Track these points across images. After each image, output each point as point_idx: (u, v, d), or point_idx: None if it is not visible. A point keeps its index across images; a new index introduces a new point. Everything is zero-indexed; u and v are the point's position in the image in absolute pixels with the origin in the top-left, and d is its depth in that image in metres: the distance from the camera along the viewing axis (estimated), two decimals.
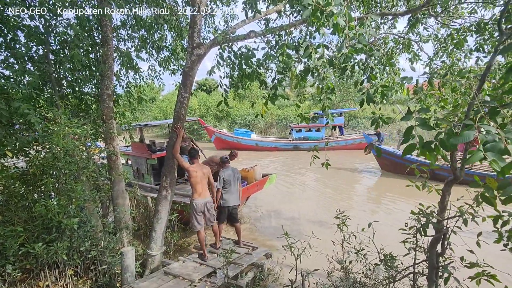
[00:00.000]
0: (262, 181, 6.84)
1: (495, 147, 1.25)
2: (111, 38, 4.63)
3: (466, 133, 1.38)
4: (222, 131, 19.66)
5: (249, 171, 6.72)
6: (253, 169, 6.77)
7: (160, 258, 4.54)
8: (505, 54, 3.15)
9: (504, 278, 2.21)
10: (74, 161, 4.08)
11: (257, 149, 18.73)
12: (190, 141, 7.15)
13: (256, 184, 6.61)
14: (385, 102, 3.31)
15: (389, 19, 4.67)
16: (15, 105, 3.43)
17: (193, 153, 4.56)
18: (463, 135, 1.38)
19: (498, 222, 1.98)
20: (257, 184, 6.66)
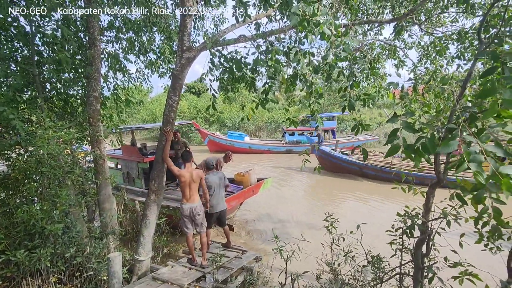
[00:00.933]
0: (257, 185, 6.81)
1: (476, 159, 1.34)
2: (98, 39, 4.56)
3: (451, 142, 1.46)
4: (216, 134, 19.58)
5: (244, 175, 6.69)
6: (248, 174, 6.74)
7: (148, 263, 4.47)
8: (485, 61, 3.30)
9: (485, 276, 2.29)
10: (58, 165, 3.97)
11: (250, 152, 18.71)
12: (184, 145, 7.08)
13: (251, 188, 6.58)
14: (372, 107, 3.41)
15: (376, 26, 4.80)
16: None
17: (186, 156, 4.50)
18: (449, 145, 1.45)
19: (479, 223, 2.06)
20: (253, 188, 6.64)
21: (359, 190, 10.12)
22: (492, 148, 1.37)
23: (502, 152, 1.36)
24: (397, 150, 1.78)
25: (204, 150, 18.98)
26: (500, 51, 2.14)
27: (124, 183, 7.37)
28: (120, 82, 6.01)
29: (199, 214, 4.43)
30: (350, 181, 11.40)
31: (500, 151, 1.36)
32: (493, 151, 1.37)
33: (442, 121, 2.42)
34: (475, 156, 1.35)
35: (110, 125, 5.49)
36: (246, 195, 6.47)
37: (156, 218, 4.39)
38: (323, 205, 8.54)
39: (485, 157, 1.33)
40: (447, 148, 1.46)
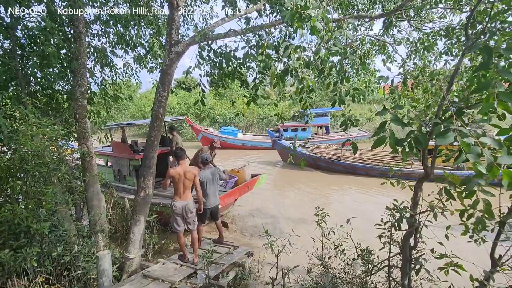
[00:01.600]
0: (252, 181, 6.76)
1: (474, 150, 1.38)
2: (83, 33, 4.43)
3: (448, 134, 1.48)
4: (209, 130, 19.50)
5: (239, 171, 6.65)
6: (242, 170, 6.70)
7: (139, 261, 4.43)
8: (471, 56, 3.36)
9: (470, 267, 2.35)
10: (44, 162, 3.87)
11: (243, 148, 18.70)
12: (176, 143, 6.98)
13: (246, 184, 6.55)
14: (362, 102, 3.43)
15: (366, 21, 4.82)
16: None
17: (180, 154, 4.44)
18: (446, 137, 1.47)
19: (464, 216, 2.11)
20: (248, 184, 6.60)
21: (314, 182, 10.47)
22: (487, 140, 1.40)
23: (496, 144, 1.39)
24: (383, 142, 1.79)
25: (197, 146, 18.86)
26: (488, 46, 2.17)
27: (115, 181, 7.21)
28: (107, 77, 5.88)
29: (192, 212, 4.41)
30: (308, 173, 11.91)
31: (495, 142, 1.39)
32: (488, 143, 1.40)
33: (430, 116, 2.46)
34: (473, 147, 1.38)
35: (98, 122, 5.37)
36: (242, 191, 6.42)
37: (146, 215, 4.34)
38: (314, 199, 8.62)
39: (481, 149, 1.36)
40: (444, 140, 1.48)
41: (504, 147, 1.41)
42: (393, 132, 1.75)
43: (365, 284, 3.27)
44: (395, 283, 3.07)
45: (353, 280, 3.39)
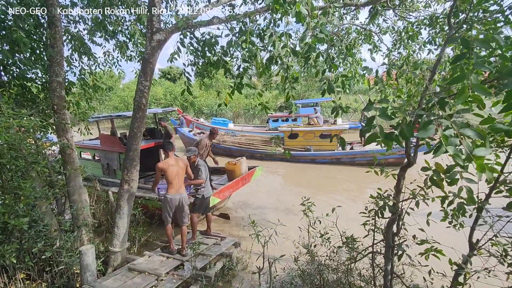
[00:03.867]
0: (249, 174, 6.72)
1: (453, 142, 1.40)
2: (59, 19, 4.19)
3: (429, 127, 1.50)
4: (200, 120, 19.32)
5: (236, 164, 6.57)
6: (239, 162, 6.64)
7: (124, 254, 4.36)
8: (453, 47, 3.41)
9: (449, 252, 2.44)
10: (21, 155, 3.70)
11: None
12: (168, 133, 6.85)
13: (244, 177, 6.49)
14: (348, 92, 3.41)
15: (352, 10, 4.79)
16: None
17: (168, 147, 4.39)
18: (427, 129, 1.49)
19: (445, 203, 2.17)
20: (245, 177, 6.55)
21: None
22: (468, 131, 1.42)
23: (476, 135, 1.41)
24: (375, 139, 1.80)
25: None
26: (468, 37, 2.19)
27: (104, 175, 6.97)
28: (86, 66, 5.62)
29: (187, 204, 4.42)
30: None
31: (474, 134, 1.41)
32: (467, 134, 1.42)
33: (413, 105, 2.48)
34: (452, 139, 1.40)
35: (78, 113, 5.16)
36: (240, 184, 6.38)
37: (130, 208, 4.26)
38: (301, 189, 8.72)
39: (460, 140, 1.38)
40: (425, 133, 1.50)
41: (487, 138, 1.43)
42: (382, 127, 1.76)
43: (350, 270, 3.35)
44: (378, 269, 3.16)
45: (338, 267, 3.47)
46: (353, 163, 11.25)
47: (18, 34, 3.51)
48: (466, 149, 1.36)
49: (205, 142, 6.02)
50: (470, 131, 1.42)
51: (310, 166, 11.58)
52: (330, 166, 11.34)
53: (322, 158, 11.56)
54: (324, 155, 11.55)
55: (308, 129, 12.18)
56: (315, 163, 11.81)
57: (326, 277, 3.45)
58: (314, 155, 11.70)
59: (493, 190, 2.23)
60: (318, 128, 12.03)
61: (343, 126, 12.12)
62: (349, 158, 11.29)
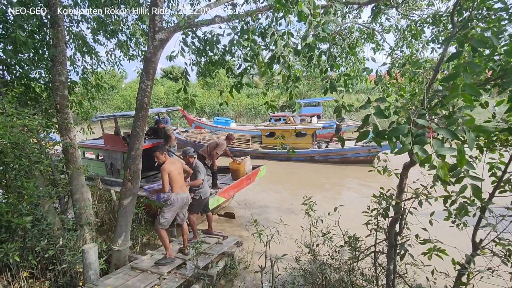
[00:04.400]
0: (254, 173, 6.73)
1: (421, 141, 1.46)
2: (61, 18, 4.20)
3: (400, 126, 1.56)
4: (202, 120, 19.35)
5: (240, 163, 6.59)
6: (243, 161, 6.64)
7: (127, 253, 4.38)
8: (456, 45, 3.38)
9: (452, 251, 2.43)
10: (24, 155, 3.72)
11: None
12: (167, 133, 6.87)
13: (249, 176, 6.51)
14: (351, 91, 3.41)
15: (355, 9, 4.77)
16: None
17: (163, 148, 4.41)
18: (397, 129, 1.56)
19: (448, 202, 2.15)
20: (250, 176, 6.57)
21: None
22: (440, 131, 1.46)
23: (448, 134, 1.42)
24: (366, 136, 1.81)
25: None
26: (471, 35, 2.18)
27: (108, 175, 6.96)
28: (89, 65, 5.64)
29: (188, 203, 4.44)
30: None
31: (446, 132, 1.43)
32: (441, 133, 1.46)
33: (416, 104, 2.47)
34: (421, 138, 1.45)
35: (81, 112, 5.18)
36: (244, 184, 6.38)
37: (133, 207, 4.27)
38: (302, 188, 8.71)
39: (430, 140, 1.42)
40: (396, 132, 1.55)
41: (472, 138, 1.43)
42: (376, 125, 1.75)
43: (352, 270, 3.34)
44: (381, 268, 3.15)
45: (340, 267, 3.46)
46: (326, 161, 11.52)
47: (17, 33, 3.52)
48: (434, 147, 1.38)
49: (224, 145, 6.11)
50: (441, 130, 1.45)
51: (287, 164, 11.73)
52: (306, 164, 11.55)
53: (296, 156, 11.75)
54: (299, 153, 11.70)
55: (284, 127, 12.34)
56: (290, 161, 11.99)
57: (328, 277, 3.45)
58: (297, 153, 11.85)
59: (496, 189, 2.21)
60: (293, 126, 12.26)
61: (317, 125, 12.56)
62: (322, 156, 11.66)
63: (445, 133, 1.44)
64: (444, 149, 1.37)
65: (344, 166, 11.21)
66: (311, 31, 2.18)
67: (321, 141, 12.80)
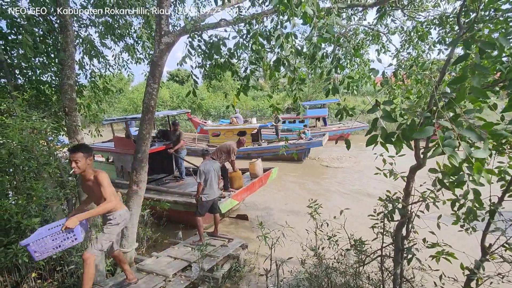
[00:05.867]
0: (265, 176, 6.74)
1: (451, 144, 1.37)
2: (70, 23, 4.29)
3: (426, 128, 1.47)
4: (207, 123, 19.50)
5: (251, 164, 6.62)
6: (254, 164, 6.65)
7: (133, 254, 4.41)
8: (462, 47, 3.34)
9: (461, 256, 2.39)
10: (33, 157, 3.78)
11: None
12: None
13: (261, 179, 6.54)
14: (356, 94, 3.39)
15: (359, 10, 4.76)
16: None
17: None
18: (424, 131, 1.47)
19: (455, 206, 2.12)
20: (262, 179, 6.58)
21: None
22: (467, 133, 1.39)
23: (476, 137, 1.38)
24: (375, 140, 1.79)
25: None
26: (478, 36, 2.15)
27: (118, 178, 7.02)
28: (97, 69, 5.74)
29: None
30: None
31: (474, 135, 1.38)
32: (467, 136, 1.39)
33: (423, 106, 2.45)
34: (450, 141, 1.38)
35: (88, 115, 5.26)
36: (257, 186, 6.38)
37: (139, 209, 4.31)
38: (308, 191, 8.67)
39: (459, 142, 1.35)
40: (422, 134, 1.48)
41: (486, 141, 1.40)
42: (385, 129, 1.74)
43: (358, 274, 3.31)
44: (387, 273, 3.11)
45: (346, 270, 3.43)
46: (262, 158, 11.96)
47: (25, 38, 3.60)
48: (465, 151, 1.34)
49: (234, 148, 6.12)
50: (469, 133, 1.39)
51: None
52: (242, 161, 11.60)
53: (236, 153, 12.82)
54: (238, 150, 12.58)
55: (227, 128, 13.79)
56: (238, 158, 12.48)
57: (334, 280, 3.42)
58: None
59: (506, 193, 2.17)
60: (235, 126, 13.73)
61: (255, 125, 13.92)
62: (257, 153, 12.73)
63: (472, 136, 1.39)
64: (479, 152, 1.33)
65: (277, 162, 11.88)
66: (315, 33, 2.19)
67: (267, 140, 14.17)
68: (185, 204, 5.55)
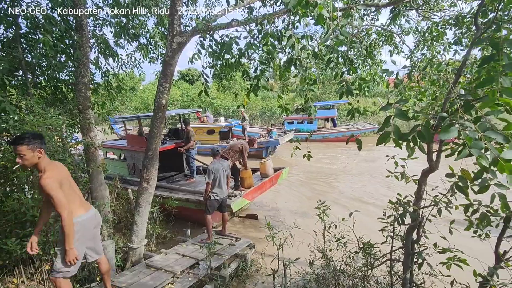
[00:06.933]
0: (276, 175, 6.78)
1: (478, 145, 1.34)
2: (86, 23, 4.39)
3: (451, 129, 1.44)
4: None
5: (262, 163, 6.66)
6: (265, 163, 6.69)
7: (142, 251, 4.48)
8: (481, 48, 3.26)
9: (473, 262, 2.33)
10: (48, 153, 3.89)
11: None
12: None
13: (271, 178, 6.57)
14: (367, 95, 3.32)
15: (372, 11, 4.70)
16: None
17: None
18: (449, 131, 1.43)
19: (469, 211, 2.07)
20: (273, 178, 6.62)
21: None
22: (492, 134, 1.35)
23: (502, 138, 1.35)
24: (387, 138, 1.76)
25: None
26: (497, 37, 2.09)
27: (131, 175, 7.16)
28: (110, 68, 5.86)
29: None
30: None
31: (500, 137, 1.35)
32: (493, 137, 1.35)
33: (436, 109, 2.40)
34: (476, 142, 1.34)
35: (102, 113, 5.38)
36: (267, 186, 6.41)
37: (149, 206, 4.37)
38: (316, 192, 8.61)
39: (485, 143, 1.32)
40: (447, 135, 1.44)
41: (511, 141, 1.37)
42: (398, 127, 1.71)
43: (367, 277, 3.27)
44: (396, 277, 3.06)
45: (354, 273, 3.39)
46: None
47: (46, 37, 3.71)
48: (493, 152, 1.30)
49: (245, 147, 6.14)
50: (495, 134, 1.35)
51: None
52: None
53: (204, 150, 13.05)
54: (206, 147, 13.26)
55: (198, 126, 14.58)
56: (200, 155, 12.64)
57: (342, 283, 3.39)
58: (199, 148, 12.96)
59: None
60: (205, 125, 14.69)
61: (221, 124, 14.66)
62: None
63: (499, 137, 1.36)
64: (508, 153, 1.29)
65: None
66: (330, 35, 2.17)
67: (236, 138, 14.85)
68: (196, 202, 5.61)
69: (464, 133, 1.39)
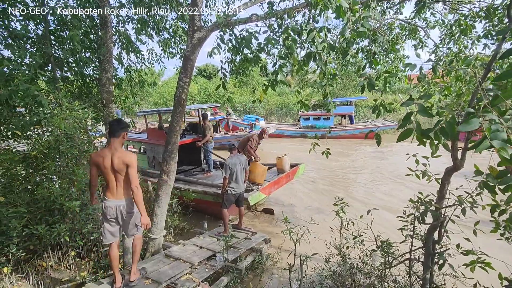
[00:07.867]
0: (293, 171, 6.83)
1: (499, 136, 1.27)
2: (110, 19, 4.54)
3: (472, 120, 1.37)
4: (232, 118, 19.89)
5: (278, 159, 6.73)
6: (282, 159, 6.74)
7: (161, 241, 4.62)
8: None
9: (499, 265, 2.24)
10: (75, 144, 4.09)
11: None
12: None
13: (288, 174, 6.63)
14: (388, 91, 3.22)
15: (395, 4, 4.54)
16: (23, 87, 3.40)
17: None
18: (470, 123, 1.37)
19: (495, 212, 1.99)
20: (289, 174, 6.68)
21: None
22: None
23: None
24: (409, 135, 1.70)
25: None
26: None
27: (150, 167, 7.37)
28: (132, 63, 6.03)
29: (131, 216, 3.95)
30: None
31: None
32: None
33: (462, 105, 2.30)
34: (497, 133, 1.28)
35: (124, 107, 5.56)
36: (284, 181, 6.47)
37: (168, 198, 4.49)
38: (333, 189, 8.51)
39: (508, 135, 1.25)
40: (468, 126, 1.37)
41: None
42: (419, 123, 1.65)
43: (384, 276, 3.22)
44: (415, 277, 2.99)
45: (371, 272, 3.35)
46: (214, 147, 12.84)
47: (74, 32, 3.87)
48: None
49: (256, 139, 6.33)
50: None
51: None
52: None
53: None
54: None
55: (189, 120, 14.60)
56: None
57: (358, 281, 3.36)
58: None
59: None
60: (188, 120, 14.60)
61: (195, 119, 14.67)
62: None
63: None
64: None
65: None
66: (349, 27, 2.13)
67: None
68: (214, 195, 5.71)
69: (485, 124, 1.33)
